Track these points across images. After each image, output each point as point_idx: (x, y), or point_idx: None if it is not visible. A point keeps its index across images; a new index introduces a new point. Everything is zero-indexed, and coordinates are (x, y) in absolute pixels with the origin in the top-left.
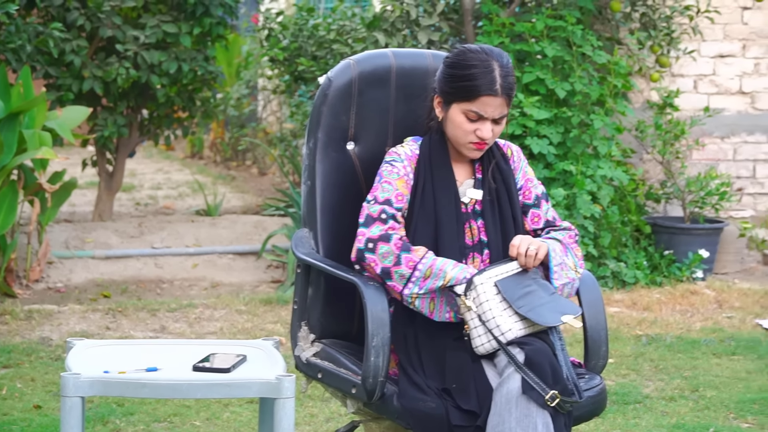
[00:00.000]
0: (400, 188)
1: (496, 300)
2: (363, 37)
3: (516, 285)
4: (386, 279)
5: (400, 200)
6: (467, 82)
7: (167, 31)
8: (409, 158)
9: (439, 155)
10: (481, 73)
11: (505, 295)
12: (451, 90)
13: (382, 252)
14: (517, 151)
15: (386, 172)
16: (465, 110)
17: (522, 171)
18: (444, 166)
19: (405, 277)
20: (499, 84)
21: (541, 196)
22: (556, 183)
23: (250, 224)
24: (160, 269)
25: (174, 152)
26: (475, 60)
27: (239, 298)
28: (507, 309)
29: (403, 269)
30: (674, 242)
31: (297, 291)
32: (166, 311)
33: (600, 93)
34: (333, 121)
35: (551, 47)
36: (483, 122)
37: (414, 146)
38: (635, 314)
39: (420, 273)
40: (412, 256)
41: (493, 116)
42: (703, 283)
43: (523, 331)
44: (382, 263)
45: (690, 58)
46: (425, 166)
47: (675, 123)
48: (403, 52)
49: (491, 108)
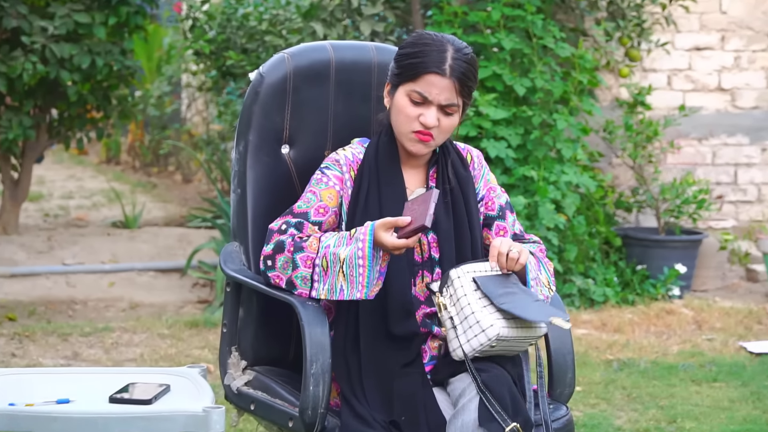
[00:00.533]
0: (325, 199)
1: (475, 296)
2: (299, 28)
3: (496, 284)
4: (293, 289)
5: (320, 214)
6: (413, 59)
7: (79, 22)
8: (349, 163)
9: (387, 158)
10: (432, 50)
11: (485, 290)
12: (398, 70)
13: (281, 264)
14: (478, 157)
15: (315, 180)
16: (409, 91)
17: (484, 179)
18: (392, 171)
19: (307, 279)
20: (449, 65)
21: (505, 207)
22: (515, 190)
23: (174, 237)
24: (72, 288)
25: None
26: (428, 39)
27: (161, 321)
28: (488, 306)
29: (302, 271)
30: (648, 256)
31: (226, 312)
32: (80, 336)
33: (563, 90)
34: (265, 122)
35: (509, 39)
36: (428, 106)
37: (358, 149)
38: (605, 336)
39: (320, 267)
40: (306, 253)
41: (438, 100)
42: (680, 302)
43: (507, 330)
44: (285, 275)
45: (663, 51)
46: (370, 172)
47: (647, 123)
48: (344, 44)
49: (436, 90)
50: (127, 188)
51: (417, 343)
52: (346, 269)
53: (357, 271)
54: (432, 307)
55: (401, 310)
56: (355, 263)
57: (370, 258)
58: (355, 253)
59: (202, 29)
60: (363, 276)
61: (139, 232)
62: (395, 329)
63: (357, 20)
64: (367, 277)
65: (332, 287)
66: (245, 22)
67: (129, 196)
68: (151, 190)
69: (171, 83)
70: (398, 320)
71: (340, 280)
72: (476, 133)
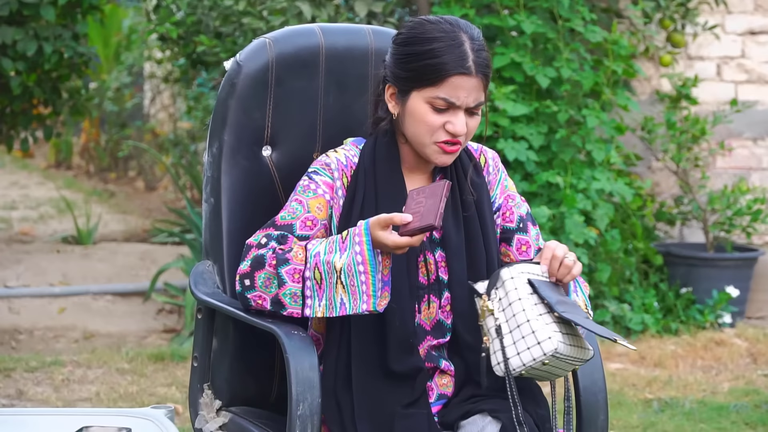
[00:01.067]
0: (313, 210)
1: (531, 300)
2: (282, 9)
3: (551, 290)
4: (280, 310)
5: (307, 227)
6: (430, 60)
7: (23, 1)
8: (342, 168)
9: (386, 164)
10: (447, 46)
11: (543, 294)
12: (409, 73)
13: (262, 282)
14: (494, 159)
15: (301, 187)
16: (430, 98)
17: (500, 186)
18: (393, 179)
19: (298, 295)
20: (473, 60)
21: (526, 217)
22: (538, 200)
23: (135, 255)
24: (15, 315)
25: (33, 160)
26: (437, 31)
27: (121, 354)
28: (544, 315)
29: (290, 287)
30: (694, 277)
31: (197, 343)
32: (24, 371)
33: (594, 81)
34: (243, 119)
35: (530, 21)
36: (455, 112)
37: (353, 152)
38: (644, 372)
39: (311, 281)
40: (293, 265)
41: (467, 103)
42: (731, 331)
43: (564, 346)
44: (269, 294)
45: (712, 35)
46: (366, 178)
47: (693, 120)
48: (335, 27)
49: (464, 92)
50: (80, 197)
51: (422, 381)
52: (345, 279)
53: (358, 279)
54: (440, 338)
55: (403, 342)
56: (354, 270)
57: (372, 262)
58: (353, 258)
59: (169, 10)
60: (367, 284)
61: (95, 248)
62: (395, 365)
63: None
64: (372, 285)
65: (330, 301)
66: (219, 1)
67: (82, 206)
68: (108, 200)
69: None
70: (399, 355)
71: (340, 293)
72: (492, 132)
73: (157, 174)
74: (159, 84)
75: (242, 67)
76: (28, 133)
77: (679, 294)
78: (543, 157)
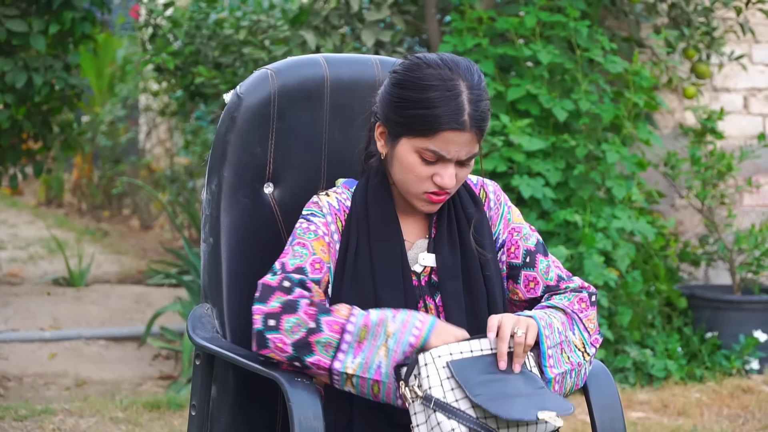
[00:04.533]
0: (318, 252)
1: (446, 386)
2: (285, 38)
3: (483, 367)
4: (305, 356)
5: (316, 270)
6: (423, 110)
7: (13, 30)
8: (334, 212)
9: (379, 207)
10: (443, 98)
11: (459, 378)
12: (401, 119)
13: (290, 326)
14: (495, 192)
15: (300, 230)
16: (420, 148)
17: (503, 220)
18: (387, 222)
19: (332, 346)
20: (468, 114)
21: (534, 250)
22: (555, 239)
23: (130, 298)
24: (3, 361)
25: (22, 197)
26: (434, 78)
27: (115, 402)
28: (462, 400)
29: (326, 336)
30: (720, 321)
31: (195, 391)
32: (13, 419)
33: (614, 114)
34: (244, 155)
35: (546, 51)
36: (444, 165)
37: (345, 194)
38: (666, 421)
39: (352, 336)
40: (334, 318)
41: (458, 157)
42: (759, 377)
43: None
44: (293, 338)
45: (738, 65)
46: (359, 223)
47: (719, 156)
48: (341, 58)
49: (455, 147)
50: (72, 236)
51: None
52: (392, 344)
53: (405, 348)
54: None
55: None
56: (405, 340)
57: (428, 335)
58: (413, 323)
59: (165, 39)
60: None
61: (87, 291)
62: (402, 417)
63: (357, 28)
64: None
65: (367, 362)
66: (219, 30)
67: (74, 246)
68: (101, 239)
69: (126, 106)
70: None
71: (380, 356)
72: (506, 167)
73: (152, 212)
74: (155, 117)
75: (243, 99)
76: (17, 169)
77: (704, 338)
78: (560, 194)
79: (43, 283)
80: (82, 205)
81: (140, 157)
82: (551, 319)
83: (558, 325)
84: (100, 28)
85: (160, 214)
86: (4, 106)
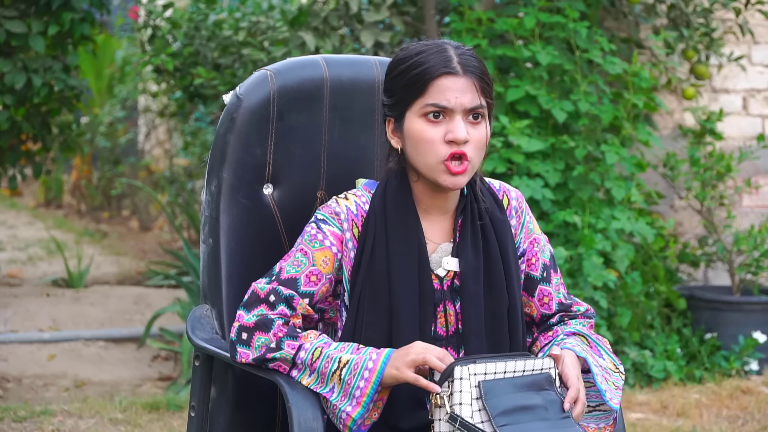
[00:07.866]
0: (318, 264)
1: (474, 406)
2: (284, 39)
3: (515, 391)
4: (265, 363)
5: (311, 282)
6: (414, 70)
7: (12, 31)
8: (352, 218)
9: (399, 204)
10: (429, 55)
11: (488, 403)
12: (398, 93)
13: (259, 344)
14: (518, 200)
15: (308, 236)
16: (420, 110)
17: (525, 229)
18: (405, 219)
19: (288, 360)
20: (458, 61)
21: (549, 264)
22: (554, 240)
23: (129, 299)
24: (3, 362)
25: (22, 199)
26: (419, 46)
27: (114, 403)
28: (487, 422)
29: (284, 353)
30: (719, 322)
31: (195, 392)
32: (12, 421)
33: (614, 115)
34: (244, 156)
35: (546, 52)
36: (450, 118)
37: (364, 198)
38: (666, 422)
39: (307, 353)
40: (298, 342)
41: (461, 104)
42: (758, 378)
43: None
44: (255, 354)
45: (738, 66)
46: (377, 223)
47: (718, 157)
48: (340, 59)
49: (453, 93)
50: (71, 237)
51: None
52: (344, 374)
53: (357, 382)
54: None
55: (412, 399)
56: (359, 372)
57: (378, 380)
58: (364, 362)
59: (164, 40)
60: (363, 391)
61: (86, 292)
62: (402, 422)
63: (356, 29)
64: (368, 396)
65: (322, 380)
66: (218, 31)
67: (73, 247)
68: (100, 240)
69: (125, 107)
70: (407, 411)
71: (334, 381)
72: (505, 168)
73: (152, 213)
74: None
75: (242, 100)
76: (17, 171)
77: (703, 340)
78: (559, 195)
79: (43, 285)
80: (82, 207)
81: (139, 158)
82: (585, 353)
83: (593, 357)
84: (100, 29)
85: (160, 215)
86: (4, 108)
